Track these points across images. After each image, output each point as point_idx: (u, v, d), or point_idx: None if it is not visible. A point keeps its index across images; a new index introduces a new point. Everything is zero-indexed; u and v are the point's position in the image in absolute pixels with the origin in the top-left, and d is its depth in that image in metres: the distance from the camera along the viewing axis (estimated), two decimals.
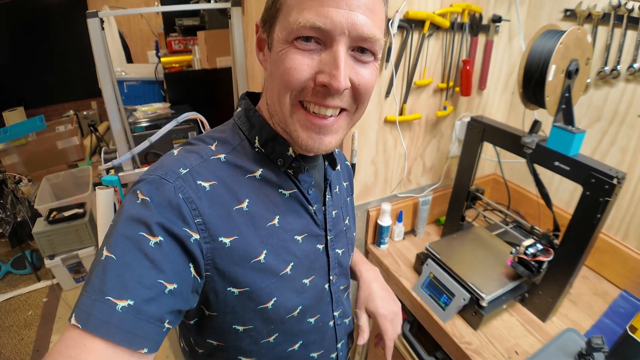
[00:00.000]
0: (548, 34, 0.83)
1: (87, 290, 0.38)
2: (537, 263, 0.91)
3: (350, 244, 0.68)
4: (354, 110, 0.47)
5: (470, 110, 1.22)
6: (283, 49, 0.43)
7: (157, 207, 0.42)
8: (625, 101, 1.00)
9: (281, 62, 0.43)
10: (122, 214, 0.42)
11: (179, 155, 0.49)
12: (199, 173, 0.47)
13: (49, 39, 3.91)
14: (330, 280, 0.61)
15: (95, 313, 0.37)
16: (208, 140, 0.52)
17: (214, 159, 0.49)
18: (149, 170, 0.47)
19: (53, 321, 2.07)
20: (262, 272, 0.50)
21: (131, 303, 0.38)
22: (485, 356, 0.86)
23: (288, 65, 0.42)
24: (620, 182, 0.76)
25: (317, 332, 0.62)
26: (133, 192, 0.44)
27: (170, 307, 0.41)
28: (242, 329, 0.53)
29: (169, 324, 0.41)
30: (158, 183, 0.44)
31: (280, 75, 0.44)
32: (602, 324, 0.96)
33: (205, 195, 0.46)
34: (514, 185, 1.32)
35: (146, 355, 0.39)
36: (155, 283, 0.40)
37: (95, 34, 1.27)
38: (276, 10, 0.44)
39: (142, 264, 0.40)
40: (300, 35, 0.41)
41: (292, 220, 0.54)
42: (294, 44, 0.42)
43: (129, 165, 1.45)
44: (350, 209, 0.72)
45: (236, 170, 0.50)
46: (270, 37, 0.46)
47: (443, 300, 0.96)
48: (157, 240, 0.41)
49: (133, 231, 0.41)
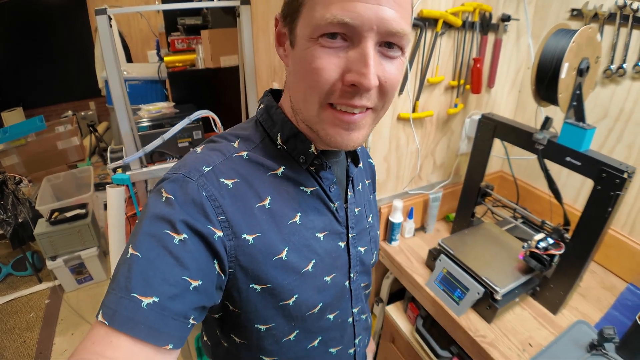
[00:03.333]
0: (560, 33, 0.85)
1: (113, 287, 0.39)
2: (549, 257, 0.93)
3: (373, 242, 0.68)
4: (380, 107, 0.47)
5: (480, 107, 1.24)
6: (308, 48, 0.41)
7: (181, 205, 0.43)
8: (631, 99, 1.02)
9: (307, 62, 0.42)
10: (147, 213, 0.43)
11: (202, 153, 0.50)
12: (222, 171, 0.47)
13: (48, 39, 3.89)
14: (350, 278, 0.61)
15: (121, 310, 0.37)
16: (230, 137, 0.52)
17: (236, 156, 0.50)
18: (172, 168, 0.48)
19: (55, 323, 2.05)
20: (283, 270, 0.50)
21: (156, 300, 0.38)
22: (501, 349, 0.87)
23: (315, 66, 0.41)
24: (630, 177, 0.78)
25: (336, 329, 0.62)
26: (157, 191, 0.44)
27: (195, 303, 0.42)
28: (264, 327, 0.53)
29: (193, 320, 0.42)
30: (182, 181, 0.44)
31: (306, 75, 0.43)
32: (610, 316, 0.98)
33: (228, 193, 0.46)
34: (521, 182, 1.34)
35: (171, 351, 0.40)
36: (180, 280, 0.40)
37: (104, 31, 1.27)
38: (299, 5, 0.42)
39: (167, 261, 0.40)
40: (326, 32, 0.40)
41: (314, 218, 0.54)
42: (319, 42, 0.41)
43: (136, 164, 1.45)
44: (373, 207, 0.72)
45: (258, 168, 0.50)
46: (293, 32, 0.44)
47: (457, 294, 0.97)
48: (181, 238, 0.41)
49: (157, 229, 0.41)
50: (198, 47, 2.19)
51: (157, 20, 3.53)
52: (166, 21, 2.61)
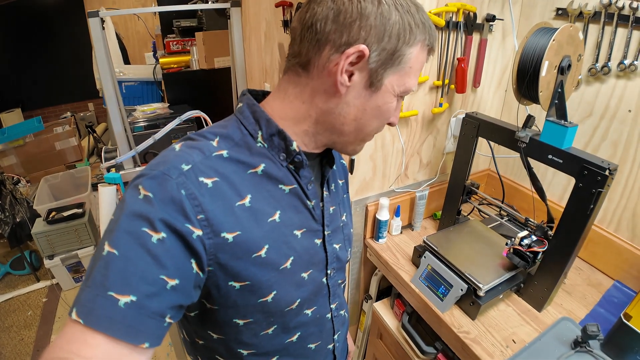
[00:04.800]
0: (541, 32, 0.85)
1: (89, 285, 0.39)
2: (532, 254, 0.93)
3: (347, 240, 0.69)
4: None
5: (465, 107, 1.25)
6: (392, 102, 0.52)
7: (160, 203, 0.42)
8: (616, 97, 1.03)
9: (384, 112, 0.53)
10: (124, 209, 0.42)
11: (180, 151, 0.49)
12: (201, 170, 0.47)
13: (46, 40, 3.91)
14: (327, 274, 0.62)
15: (97, 308, 0.37)
16: (209, 135, 0.52)
17: (216, 155, 0.50)
18: (150, 165, 0.47)
19: (53, 321, 2.07)
20: (263, 267, 0.51)
21: (134, 299, 0.38)
22: (484, 345, 0.88)
23: (388, 118, 0.54)
24: (612, 173, 0.78)
25: (314, 324, 0.63)
26: (134, 187, 0.43)
27: (172, 302, 0.42)
28: (242, 322, 0.54)
29: (170, 318, 0.42)
30: (161, 179, 0.44)
31: (376, 119, 0.53)
32: (596, 313, 0.99)
33: (207, 191, 0.46)
34: (508, 180, 1.35)
35: (147, 350, 0.40)
36: (157, 279, 0.40)
37: (97, 33, 1.29)
38: (395, 60, 0.49)
39: (145, 260, 0.40)
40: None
41: (292, 216, 0.55)
42: (397, 99, 0.52)
43: (129, 164, 1.47)
44: (347, 206, 0.73)
45: (238, 166, 0.50)
46: (377, 77, 0.49)
47: (441, 291, 0.98)
48: (159, 237, 0.41)
49: (135, 227, 0.41)
50: (192, 48, 2.21)
51: (154, 22, 3.55)
52: (162, 23, 2.63)
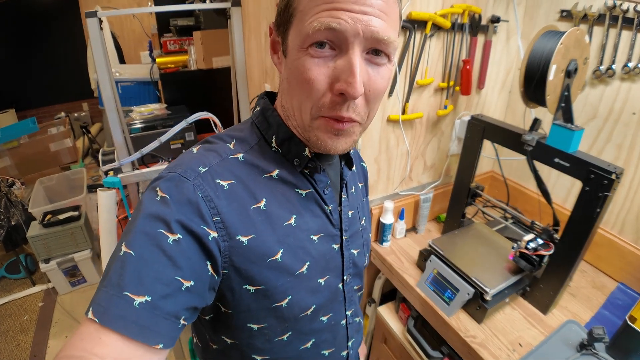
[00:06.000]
0: (548, 35, 0.85)
1: (105, 285, 0.39)
2: (539, 257, 0.93)
3: (366, 245, 0.68)
4: (365, 119, 0.48)
5: (470, 109, 1.24)
6: (299, 58, 0.43)
7: (176, 204, 0.43)
8: (620, 99, 1.03)
9: (299, 72, 0.44)
10: (141, 211, 0.43)
11: (198, 153, 0.50)
12: (218, 172, 0.48)
13: (41, 40, 3.86)
14: (344, 280, 0.62)
15: (113, 308, 0.37)
16: (226, 138, 0.53)
17: (232, 158, 0.50)
18: (168, 167, 0.48)
19: (49, 326, 2.04)
20: (278, 271, 0.50)
21: (148, 299, 0.38)
22: (491, 349, 0.88)
23: (307, 77, 0.43)
24: (618, 177, 0.78)
25: (329, 331, 0.62)
26: (152, 189, 0.44)
27: (187, 303, 0.42)
28: (257, 327, 0.53)
29: (184, 320, 0.42)
30: (177, 181, 0.44)
31: (298, 85, 0.45)
32: (600, 315, 0.99)
33: (223, 194, 0.47)
34: (512, 183, 1.35)
35: (161, 351, 0.40)
36: (173, 280, 0.40)
37: (94, 33, 1.26)
38: (289, 15, 0.44)
39: (160, 260, 0.40)
40: (315, 41, 0.41)
41: (309, 220, 0.54)
42: (308, 52, 0.42)
43: (128, 167, 1.44)
44: (366, 210, 0.72)
45: (253, 170, 0.51)
46: (285, 42, 0.46)
47: (447, 295, 0.97)
48: (175, 238, 0.41)
49: (152, 228, 0.41)
50: (190, 48, 2.18)
51: (150, 21, 3.51)
52: (159, 22, 2.60)
